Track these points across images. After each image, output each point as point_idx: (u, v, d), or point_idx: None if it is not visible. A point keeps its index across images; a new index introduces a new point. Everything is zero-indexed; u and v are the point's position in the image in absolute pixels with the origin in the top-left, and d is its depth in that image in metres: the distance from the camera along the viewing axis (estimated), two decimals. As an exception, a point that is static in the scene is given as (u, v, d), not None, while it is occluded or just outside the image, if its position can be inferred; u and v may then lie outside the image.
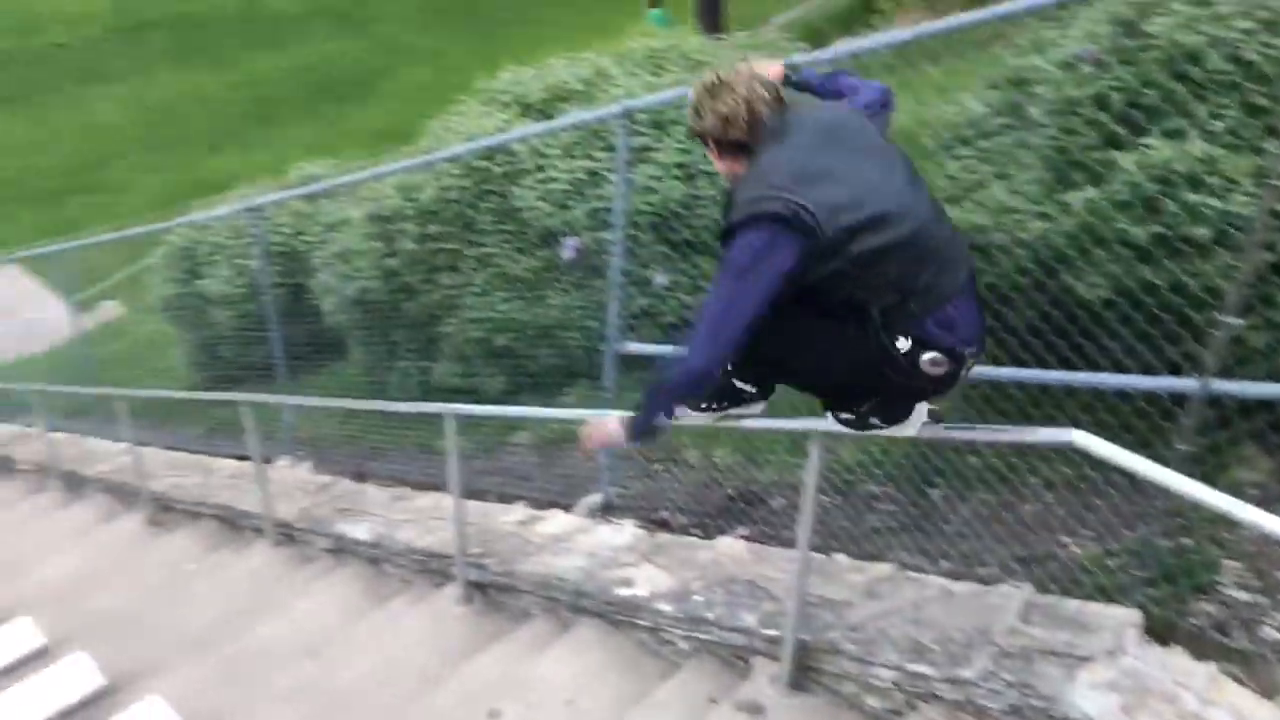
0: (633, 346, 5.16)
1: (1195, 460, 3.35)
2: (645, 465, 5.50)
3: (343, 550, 5.90)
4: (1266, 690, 3.06)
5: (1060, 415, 3.90)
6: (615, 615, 4.31)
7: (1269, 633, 3.35)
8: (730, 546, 4.41)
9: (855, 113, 2.80)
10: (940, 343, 2.61)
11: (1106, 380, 3.65)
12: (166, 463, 8.29)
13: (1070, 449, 2.81)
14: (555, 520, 5.15)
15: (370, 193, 7.21)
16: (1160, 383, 3.47)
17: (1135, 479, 2.90)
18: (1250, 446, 3.81)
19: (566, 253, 6.12)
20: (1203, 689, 2.96)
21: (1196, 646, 3.24)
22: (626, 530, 4.84)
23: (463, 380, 6.79)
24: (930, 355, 2.61)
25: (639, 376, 5.33)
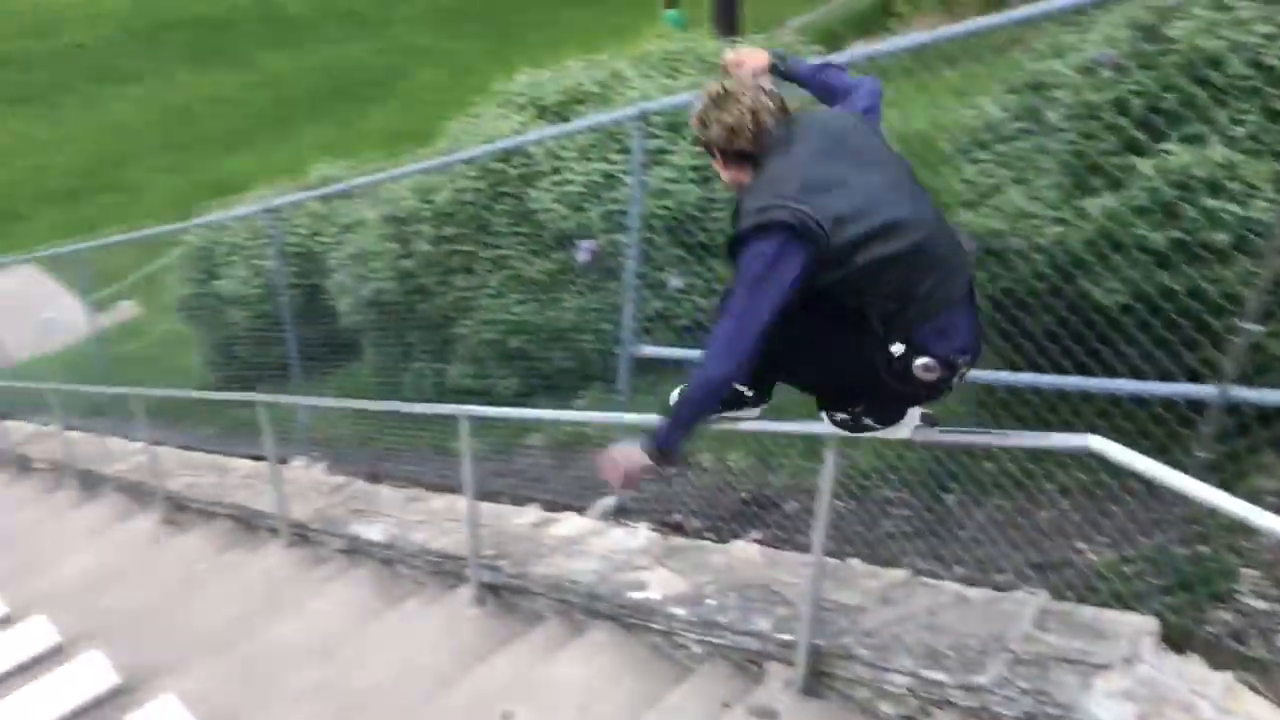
0: (647, 349, 5.16)
1: (1213, 467, 3.33)
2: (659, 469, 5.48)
3: (357, 551, 5.91)
4: (1284, 699, 3.04)
5: (1077, 421, 3.87)
6: (628, 618, 4.30)
7: (1287, 642, 3.33)
8: (744, 550, 4.41)
9: (857, 118, 2.82)
10: (934, 350, 2.64)
11: (1124, 386, 3.62)
12: (182, 462, 8.33)
13: (1087, 454, 2.80)
14: (569, 523, 5.15)
15: (386, 194, 7.22)
16: (1178, 389, 3.45)
17: (1152, 485, 2.88)
18: (1269, 454, 3.78)
19: (581, 255, 6.12)
20: (1219, 698, 2.94)
21: (1213, 655, 3.21)
22: (640, 533, 4.84)
23: (476, 382, 6.80)
24: (923, 361, 2.64)
25: (653, 379, 5.33)
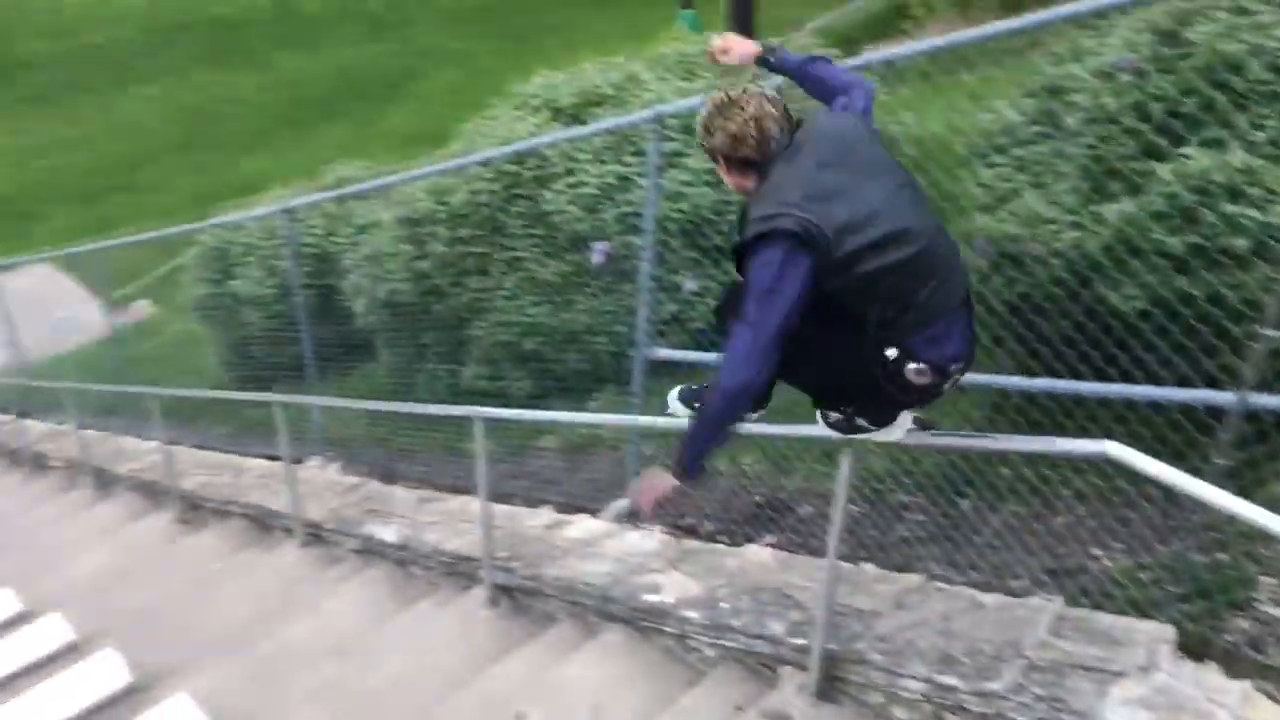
0: (662, 352, 5.16)
1: (1232, 474, 3.31)
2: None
3: (370, 551, 5.92)
4: (1302, 708, 3.02)
5: (1093, 427, 3.86)
6: (642, 621, 4.30)
7: (1305, 650, 3.31)
8: (757, 554, 4.40)
9: (861, 126, 2.83)
10: (926, 357, 2.68)
11: (1142, 392, 3.60)
12: (196, 461, 8.36)
13: (1105, 460, 2.79)
14: (582, 525, 5.15)
15: (401, 195, 7.24)
16: (1197, 395, 3.43)
17: (1170, 492, 2.87)
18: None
19: (595, 257, 6.13)
20: (1237, 707, 2.92)
21: (1231, 664, 3.19)
22: (654, 536, 4.83)
23: (490, 383, 6.81)
24: (915, 366, 2.68)
25: (667, 382, 5.32)
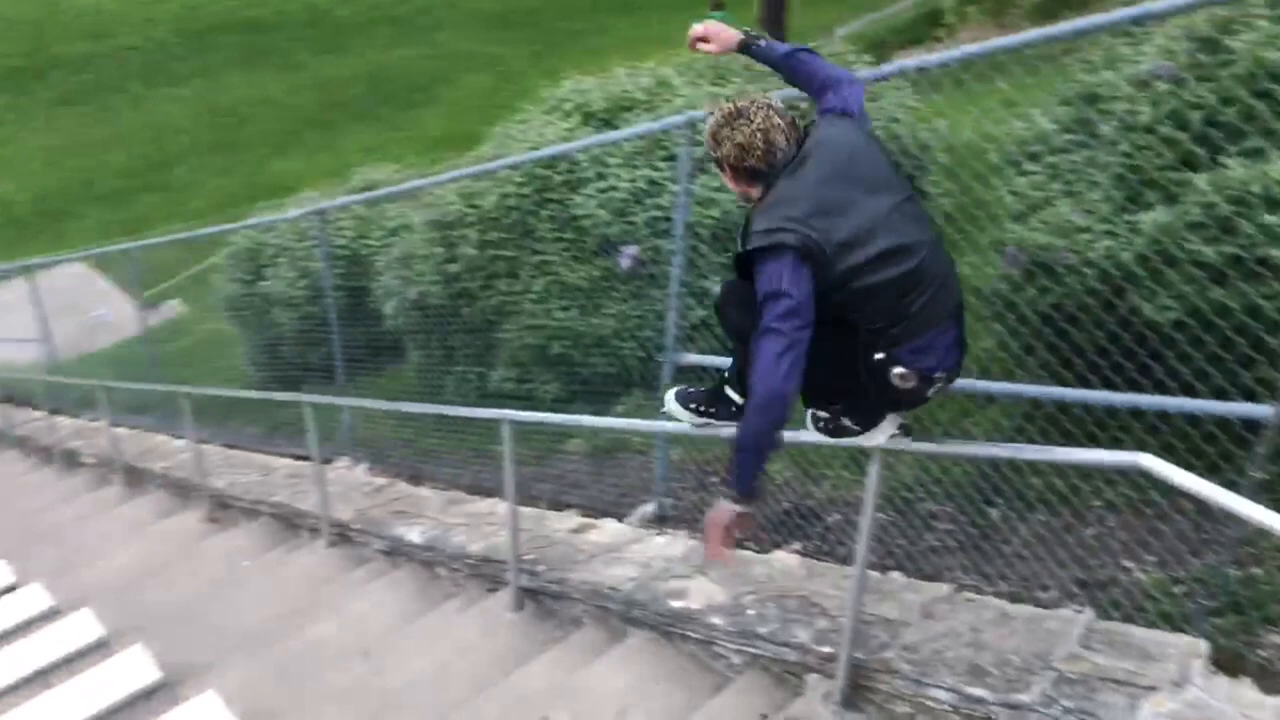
0: (690, 357, 5.15)
1: (1267, 488, 3.27)
2: (700, 477, 5.47)
3: (397, 552, 5.94)
4: (1337, 726, 2.97)
5: (1126, 438, 3.82)
6: (667, 626, 4.29)
7: (1341, 668, 3.26)
8: (784, 561, 4.38)
9: (861, 136, 2.86)
10: (912, 365, 2.75)
11: (1177, 404, 3.56)
12: (226, 460, 8.42)
13: (1137, 472, 2.76)
14: (608, 529, 5.15)
15: (432, 198, 7.27)
16: (1233, 408, 3.39)
17: (1203, 505, 2.84)
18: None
19: (624, 262, 6.13)
20: (1271, 723, 2.89)
21: (1265, 679, 3.15)
22: (679, 541, 4.82)
23: (517, 386, 6.82)
24: (900, 370, 2.75)
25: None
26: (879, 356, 2.74)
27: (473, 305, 6.88)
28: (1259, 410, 3.26)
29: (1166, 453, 3.04)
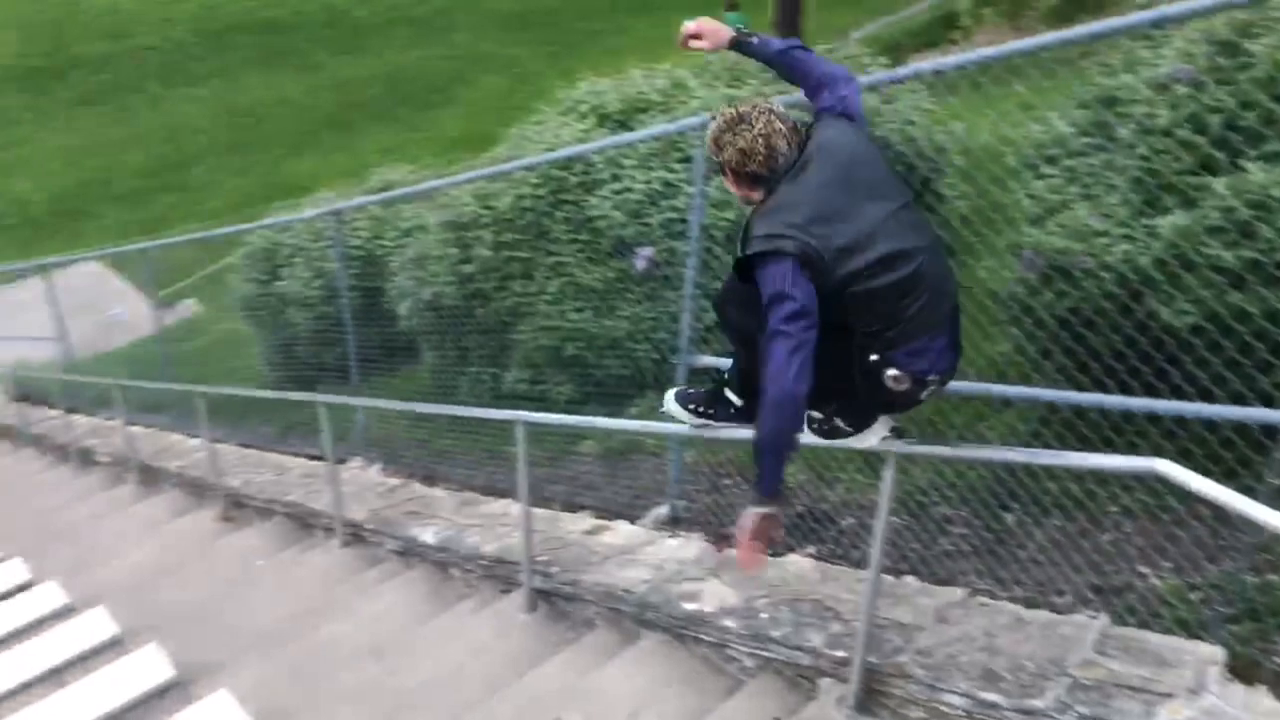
0: (705, 359, 5.14)
1: (1286, 495, 3.25)
2: (714, 480, 5.47)
3: (410, 553, 5.95)
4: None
5: (1142, 443, 3.80)
6: (680, 629, 4.28)
7: (1360, 676, 3.23)
8: (798, 565, 4.37)
9: (862, 140, 2.87)
10: (906, 368, 2.78)
11: (1194, 409, 3.54)
12: (241, 459, 8.45)
13: (1154, 478, 2.75)
14: (621, 531, 5.15)
15: (447, 199, 7.28)
16: (1251, 413, 3.37)
17: (1220, 511, 2.82)
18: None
19: (639, 263, 6.12)
20: (1289, 732, 2.87)
21: (1283, 688, 3.13)
22: (693, 544, 4.82)
23: (531, 387, 6.82)
24: (893, 372, 2.77)
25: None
26: (874, 358, 2.77)
27: (487, 306, 6.88)
28: (1277, 416, 3.24)
29: (1183, 458, 3.03)
